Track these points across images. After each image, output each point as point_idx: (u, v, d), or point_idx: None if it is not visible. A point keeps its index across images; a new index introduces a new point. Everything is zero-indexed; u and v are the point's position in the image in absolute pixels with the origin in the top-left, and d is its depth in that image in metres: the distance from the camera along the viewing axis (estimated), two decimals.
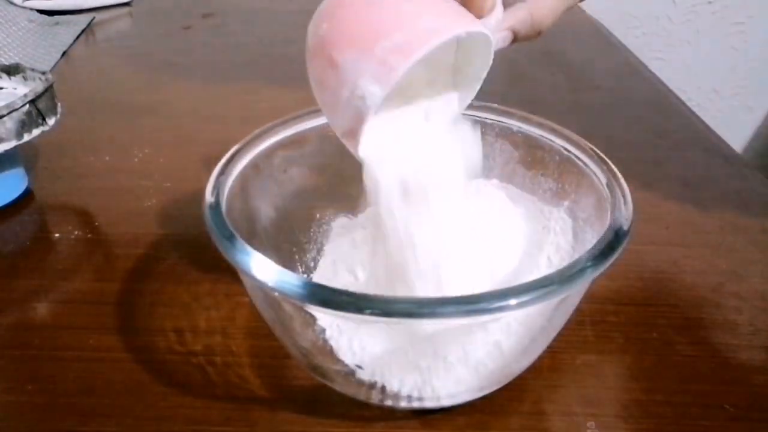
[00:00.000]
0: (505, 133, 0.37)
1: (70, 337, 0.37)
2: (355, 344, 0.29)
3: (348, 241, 0.37)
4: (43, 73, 0.49)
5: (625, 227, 0.28)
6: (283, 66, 0.76)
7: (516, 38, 0.32)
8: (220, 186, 0.31)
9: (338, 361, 0.30)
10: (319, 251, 0.39)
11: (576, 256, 0.26)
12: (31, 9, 0.88)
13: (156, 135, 0.59)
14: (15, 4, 0.87)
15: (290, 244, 0.38)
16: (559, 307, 0.29)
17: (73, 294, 0.40)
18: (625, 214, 0.29)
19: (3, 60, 0.72)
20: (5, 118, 0.44)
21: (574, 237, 0.34)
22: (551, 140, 0.35)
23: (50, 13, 0.89)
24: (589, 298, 0.39)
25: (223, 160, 0.33)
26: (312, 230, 0.39)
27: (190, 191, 0.49)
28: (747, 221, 0.47)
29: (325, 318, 0.30)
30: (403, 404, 0.31)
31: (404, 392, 0.29)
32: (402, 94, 0.29)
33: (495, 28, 0.30)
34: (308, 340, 0.30)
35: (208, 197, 0.30)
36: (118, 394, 0.33)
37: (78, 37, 0.83)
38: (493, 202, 0.35)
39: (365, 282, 0.34)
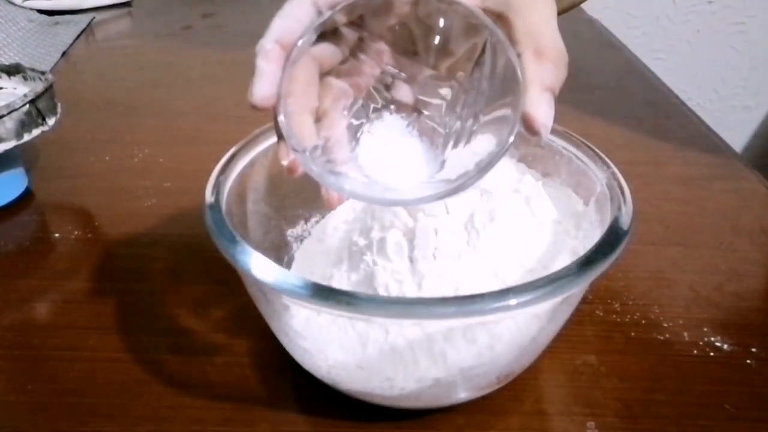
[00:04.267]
0: None
1: (70, 337, 0.37)
2: (355, 344, 0.29)
3: (342, 232, 0.37)
4: (43, 73, 0.49)
5: (625, 227, 0.28)
6: None
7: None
8: (220, 186, 0.31)
9: (338, 361, 0.30)
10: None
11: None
12: (31, 9, 0.88)
13: (156, 135, 0.59)
14: (15, 4, 0.87)
15: (290, 243, 0.38)
16: (559, 307, 0.29)
17: (73, 294, 0.40)
18: (625, 214, 0.29)
19: (3, 60, 0.72)
20: (5, 118, 0.44)
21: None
22: (551, 140, 0.35)
23: (50, 13, 0.89)
24: (589, 298, 0.39)
25: (223, 160, 0.33)
26: (312, 230, 0.39)
27: (190, 191, 0.49)
28: (747, 221, 0.47)
29: (325, 317, 0.30)
30: (403, 404, 0.31)
31: (404, 392, 0.29)
32: None
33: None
34: (308, 339, 0.30)
35: (208, 197, 0.30)
36: (118, 394, 0.33)
37: (78, 37, 0.83)
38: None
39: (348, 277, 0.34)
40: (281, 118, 0.27)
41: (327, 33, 0.28)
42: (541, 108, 0.26)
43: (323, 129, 0.29)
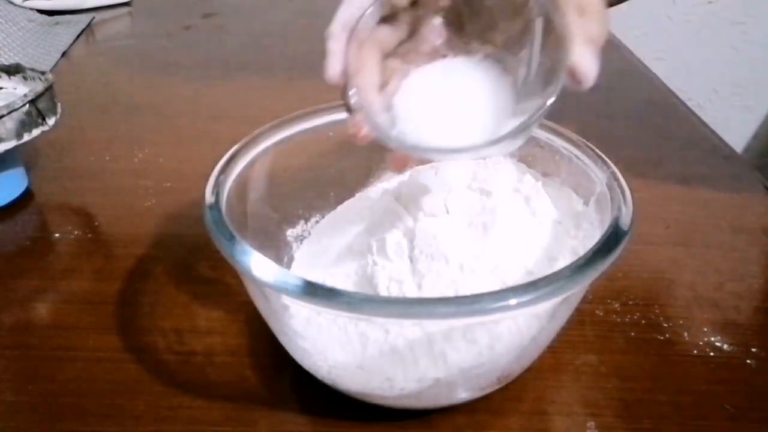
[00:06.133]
0: None
1: (70, 337, 0.37)
2: (355, 344, 0.29)
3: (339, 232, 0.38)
4: (43, 73, 0.49)
5: (625, 227, 0.28)
6: (283, 66, 0.76)
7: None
8: (220, 186, 0.31)
9: (338, 361, 0.30)
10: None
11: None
12: (31, 9, 0.88)
13: (156, 135, 0.59)
14: (15, 4, 0.87)
15: (290, 243, 0.38)
16: (559, 307, 0.29)
17: (73, 294, 0.40)
18: (625, 214, 0.29)
19: (3, 60, 0.72)
20: (5, 118, 0.44)
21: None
22: (551, 140, 0.35)
23: (50, 13, 0.89)
24: (589, 298, 0.39)
25: (223, 160, 0.33)
26: (312, 230, 0.39)
27: (190, 191, 0.49)
28: (747, 221, 0.47)
29: (325, 317, 0.30)
30: (403, 404, 0.31)
31: (404, 392, 0.29)
32: None
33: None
34: (308, 339, 0.30)
35: (208, 197, 0.30)
36: (118, 394, 0.33)
37: (78, 37, 0.83)
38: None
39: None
40: (351, 91, 0.29)
41: (387, 18, 0.31)
42: (585, 58, 0.28)
43: (384, 98, 0.31)
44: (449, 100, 0.31)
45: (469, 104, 0.30)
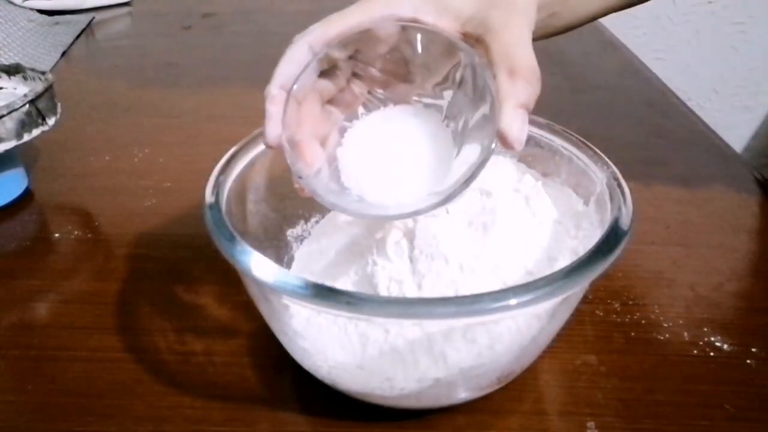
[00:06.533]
0: None
1: (70, 337, 0.37)
2: (355, 344, 0.29)
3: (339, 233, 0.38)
4: (43, 73, 0.49)
5: (625, 227, 0.28)
6: None
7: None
8: (220, 186, 0.31)
9: (338, 361, 0.30)
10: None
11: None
12: (31, 9, 0.88)
13: (156, 135, 0.60)
14: (15, 4, 0.87)
15: (290, 243, 0.38)
16: (559, 307, 0.29)
17: (73, 294, 0.40)
18: (625, 214, 0.29)
19: (3, 60, 0.72)
20: (5, 118, 0.44)
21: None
22: (551, 140, 0.35)
23: (50, 13, 0.89)
24: (589, 298, 0.39)
25: (223, 160, 0.33)
26: (312, 230, 0.39)
27: (190, 191, 0.49)
28: (747, 221, 0.47)
29: (325, 317, 0.30)
30: (403, 404, 0.31)
31: (404, 392, 0.29)
32: None
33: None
34: (308, 339, 0.30)
35: (208, 197, 0.30)
36: (118, 394, 0.33)
37: (78, 37, 0.83)
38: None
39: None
40: (286, 149, 0.30)
41: (325, 71, 0.31)
42: (514, 124, 0.28)
43: (326, 150, 0.31)
44: (390, 152, 0.31)
45: (410, 156, 0.31)
